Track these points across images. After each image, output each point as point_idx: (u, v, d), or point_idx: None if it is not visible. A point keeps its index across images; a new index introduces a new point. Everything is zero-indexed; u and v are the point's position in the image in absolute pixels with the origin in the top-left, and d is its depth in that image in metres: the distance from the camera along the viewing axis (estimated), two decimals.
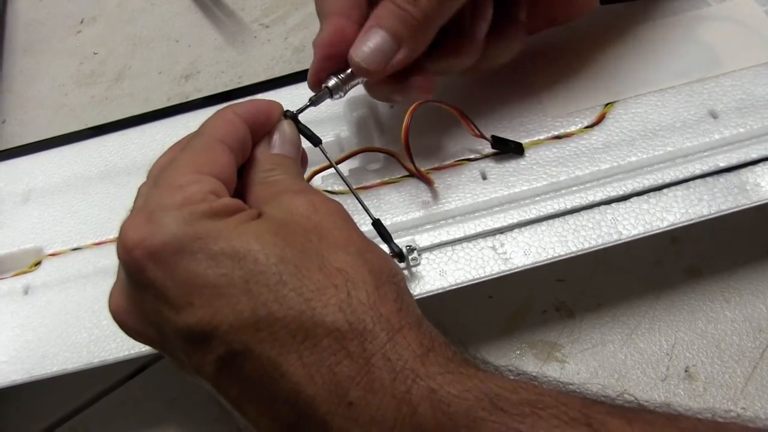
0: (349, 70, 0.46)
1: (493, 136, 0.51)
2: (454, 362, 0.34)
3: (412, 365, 0.33)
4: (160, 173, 0.39)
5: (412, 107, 0.48)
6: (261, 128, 0.43)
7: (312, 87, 0.47)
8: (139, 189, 0.41)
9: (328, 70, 0.47)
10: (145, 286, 0.36)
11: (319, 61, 0.47)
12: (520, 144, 0.52)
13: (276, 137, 0.44)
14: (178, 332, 0.36)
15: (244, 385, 0.35)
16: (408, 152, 0.48)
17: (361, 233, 0.39)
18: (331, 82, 0.46)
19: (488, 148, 0.52)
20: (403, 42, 0.45)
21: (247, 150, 0.42)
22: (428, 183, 0.50)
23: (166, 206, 0.36)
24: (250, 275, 0.34)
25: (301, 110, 0.45)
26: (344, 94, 0.47)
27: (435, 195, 0.51)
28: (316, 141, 0.45)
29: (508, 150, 0.52)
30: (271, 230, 0.36)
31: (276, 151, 0.43)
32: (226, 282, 0.34)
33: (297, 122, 0.45)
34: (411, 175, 0.52)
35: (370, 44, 0.45)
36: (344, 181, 0.46)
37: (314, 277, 0.34)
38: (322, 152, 0.45)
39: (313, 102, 0.46)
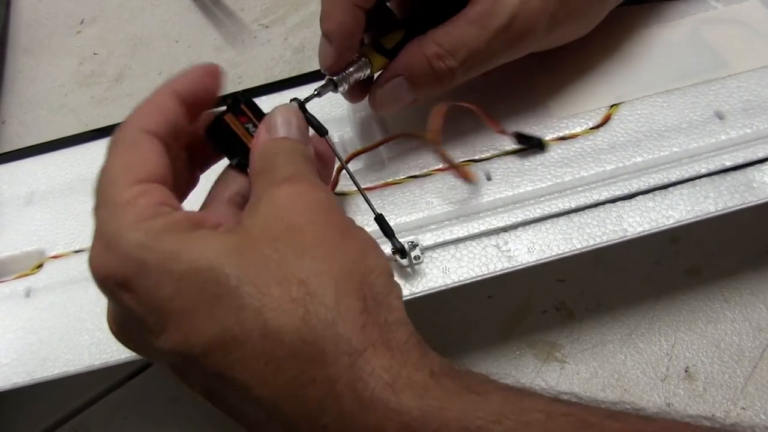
0: (352, 67, 0.47)
1: (515, 133, 0.51)
2: (433, 388, 0.32)
3: (381, 395, 0.32)
4: (99, 187, 0.38)
5: (442, 111, 0.48)
6: (204, 95, 0.42)
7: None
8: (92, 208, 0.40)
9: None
10: (125, 313, 0.36)
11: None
12: (540, 139, 0.52)
13: (273, 120, 0.42)
14: (161, 357, 0.36)
15: (229, 407, 0.36)
16: (441, 153, 0.49)
17: (339, 225, 0.37)
18: (336, 75, 0.46)
19: (492, 150, 0.52)
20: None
21: (180, 130, 0.41)
22: (468, 180, 0.50)
23: (121, 229, 0.35)
24: (214, 299, 0.33)
25: (308, 99, 0.45)
26: (348, 86, 0.47)
27: (472, 188, 0.50)
28: (322, 131, 0.44)
29: (532, 145, 0.52)
30: (233, 248, 0.34)
31: (281, 134, 0.42)
32: (191, 306, 0.33)
33: (304, 110, 0.44)
34: (414, 177, 0.52)
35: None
36: (348, 173, 0.45)
37: (273, 293, 0.33)
38: (329, 143, 0.45)
39: (319, 92, 0.46)
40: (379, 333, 0.33)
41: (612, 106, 0.53)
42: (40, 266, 0.54)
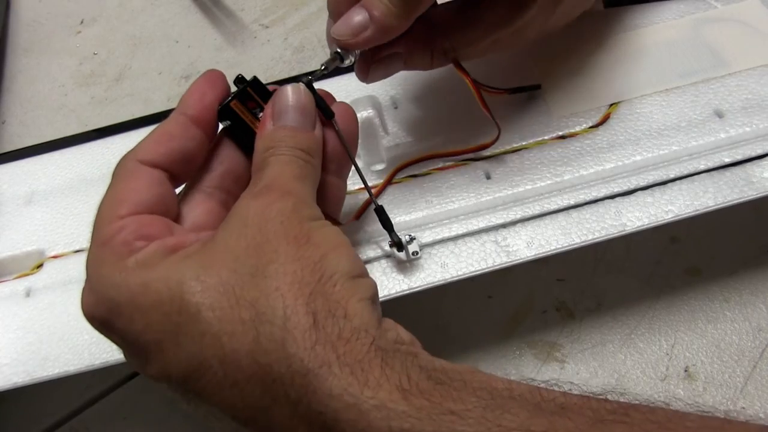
0: None
1: (510, 88, 0.52)
2: (403, 408, 0.30)
3: (347, 416, 0.30)
4: (94, 223, 0.39)
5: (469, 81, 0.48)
6: (210, 108, 0.42)
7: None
8: None
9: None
10: (117, 346, 0.38)
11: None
12: (536, 84, 0.53)
13: (277, 106, 0.41)
14: (154, 382, 0.36)
15: (219, 426, 0.36)
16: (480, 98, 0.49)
17: (297, 234, 0.36)
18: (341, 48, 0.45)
19: (492, 149, 0.52)
20: (379, 24, 0.43)
21: (192, 154, 0.41)
22: (498, 129, 0.50)
23: (100, 271, 0.36)
24: (178, 327, 0.34)
25: (316, 77, 0.44)
26: (354, 59, 0.46)
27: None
28: (329, 114, 0.43)
29: (530, 89, 0.53)
30: (194, 275, 0.34)
31: (284, 121, 0.41)
32: (162, 337, 0.34)
33: (312, 91, 0.42)
34: (414, 176, 0.52)
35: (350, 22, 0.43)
36: (354, 165, 0.45)
37: (227, 316, 0.33)
38: (335, 128, 0.43)
39: (326, 67, 0.45)
40: (332, 349, 0.32)
41: (611, 105, 0.53)
42: (40, 266, 0.54)
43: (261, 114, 0.42)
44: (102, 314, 0.36)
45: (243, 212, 0.37)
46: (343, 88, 0.56)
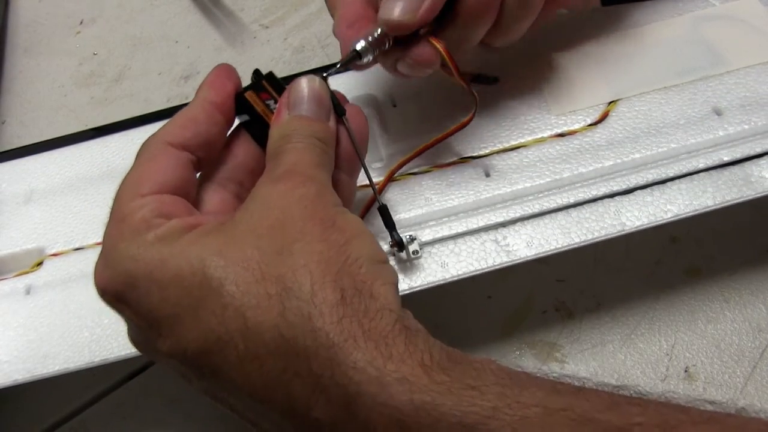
0: (377, 33, 0.44)
1: (471, 75, 0.51)
2: (425, 382, 0.31)
3: (368, 389, 0.31)
4: (113, 201, 0.39)
5: (442, 49, 0.45)
6: (231, 96, 0.43)
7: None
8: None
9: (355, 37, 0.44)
10: (128, 323, 0.38)
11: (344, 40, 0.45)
12: (494, 77, 0.53)
13: (293, 95, 0.42)
14: (163, 360, 0.37)
15: (229, 405, 0.36)
16: (455, 66, 0.46)
17: (322, 218, 0.36)
18: (360, 45, 0.44)
19: (491, 146, 0.52)
20: None
21: (214, 140, 0.42)
22: (475, 100, 0.48)
23: (117, 245, 0.37)
24: (198, 301, 0.34)
25: (330, 73, 0.44)
26: (372, 58, 0.45)
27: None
28: (340, 111, 0.43)
29: (486, 82, 0.52)
30: (216, 250, 0.35)
31: (299, 111, 0.41)
32: (179, 311, 0.34)
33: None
34: (413, 174, 0.52)
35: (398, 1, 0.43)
36: (362, 165, 0.45)
37: (252, 290, 0.33)
38: (345, 125, 0.43)
39: (343, 65, 0.44)
40: (358, 325, 0.33)
41: (610, 102, 0.53)
42: (40, 264, 0.54)
43: (275, 106, 0.43)
44: (116, 287, 0.36)
45: (265, 195, 0.37)
46: (342, 87, 0.56)
